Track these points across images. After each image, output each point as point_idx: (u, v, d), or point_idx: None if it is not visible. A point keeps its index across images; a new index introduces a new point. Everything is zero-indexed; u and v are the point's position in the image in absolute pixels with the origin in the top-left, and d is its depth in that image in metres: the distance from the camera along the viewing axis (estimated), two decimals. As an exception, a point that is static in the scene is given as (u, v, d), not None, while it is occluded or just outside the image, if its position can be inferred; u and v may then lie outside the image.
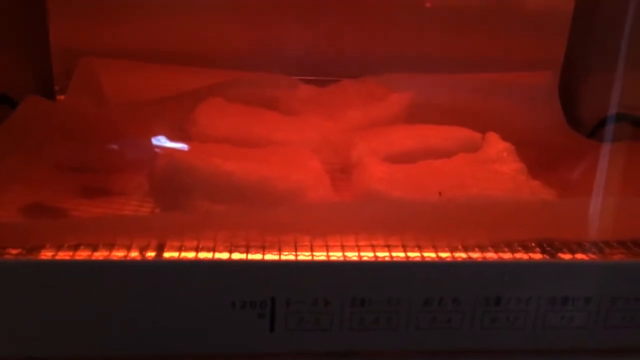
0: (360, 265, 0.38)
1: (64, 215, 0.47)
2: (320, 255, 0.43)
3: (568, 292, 0.39)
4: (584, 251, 0.44)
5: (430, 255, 0.44)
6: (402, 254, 0.43)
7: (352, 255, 0.43)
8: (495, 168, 0.52)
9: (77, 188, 0.52)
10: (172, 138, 0.62)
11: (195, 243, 0.41)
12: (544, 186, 0.49)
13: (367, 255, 0.43)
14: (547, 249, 0.45)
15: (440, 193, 0.47)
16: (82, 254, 0.40)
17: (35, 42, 0.71)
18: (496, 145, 0.55)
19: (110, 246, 0.41)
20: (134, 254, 0.40)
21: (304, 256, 0.42)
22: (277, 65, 0.75)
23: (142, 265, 0.36)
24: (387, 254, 0.44)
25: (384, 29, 0.78)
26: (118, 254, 0.40)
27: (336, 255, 0.43)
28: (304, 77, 0.76)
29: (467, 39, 0.78)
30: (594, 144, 0.66)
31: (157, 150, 0.52)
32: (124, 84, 0.72)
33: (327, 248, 0.43)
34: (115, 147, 0.59)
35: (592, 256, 0.43)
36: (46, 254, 0.40)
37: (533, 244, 0.45)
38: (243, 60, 0.76)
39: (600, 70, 0.72)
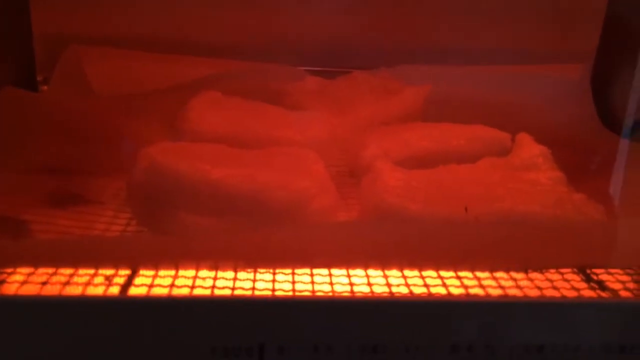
0: (371, 302, 0.31)
1: (24, 230, 0.40)
2: (322, 283, 0.36)
3: (627, 338, 0.32)
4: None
5: (454, 283, 0.37)
6: (422, 286, 0.36)
7: (361, 284, 0.36)
8: (530, 177, 0.45)
9: (47, 194, 0.45)
10: (160, 136, 0.56)
11: (172, 270, 0.34)
12: (589, 201, 0.41)
13: (379, 283, 0.37)
14: (593, 277, 0.38)
15: (466, 208, 0.40)
16: (35, 282, 0.33)
17: (15, 28, 0.64)
18: (530, 149, 0.48)
19: (72, 271, 0.34)
20: (98, 281, 0.33)
21: (302, 284, 0.36)
22: (282, 54, 0.69)
23: (103, 303, 0.30)
24: (402, 281, 0.37)
25: (400, 16, 0.72)
26: (79, 281, 0.34)
27: (341, 284, 0.36)
28: (311, 68, 0.69)
29: (492, 29, 0.71)
30: (635, 147, 0.58)
31: (139, 150, 0.45)
32: (112, 74, 0.66)
33: (331, 276, 0.36)
34: (95, 145, 0.52)
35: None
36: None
37: (576, 271, 0.38)
38: (244, 48, 0.70)
39: (636, 63, 0.64)
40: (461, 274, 0.38)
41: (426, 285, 0.37)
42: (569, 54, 0.70)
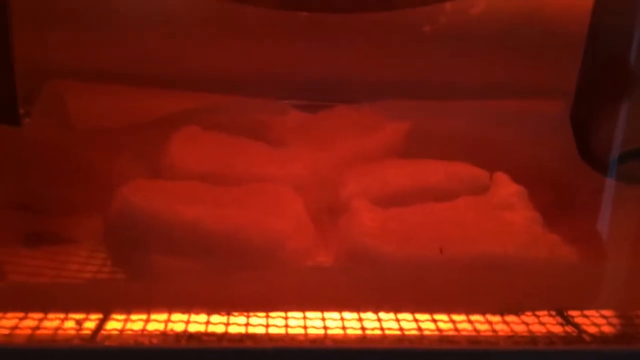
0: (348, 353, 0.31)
1: (-4, 271, 0.40)
2: (296, 327, 0.36)
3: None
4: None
5: (429, 327, 0.37)
6: (396, 329, 0.36)
7: (335, 327, 0.36)
8: (505, 216, 0.45)
9: (20, 233, 0.45)
10: (140, 172, 0.55)
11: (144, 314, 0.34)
12: (563, 243, 0.42)
13: (354, 327, 0.36)
14: (570, 319, 0.38)
15: (441, 250, 0.40)
16: (5, 327, 0.33)
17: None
18: (506, 188, 0.48)
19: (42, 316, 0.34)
20: (68, 325, 0.33)
21: (276, 327, 0.35)
22: (265, 87, 0.69)
23: (70, 352, 0.29)
24: (377, 324, 0.36)
25: (383, 52, 0.72)
26: (49, 326, 0.33)
27: (315, 327, 0.36)
28: (294, 102, 0.69)
29: (472, 64, 0.72)
30: (614, 185, 0.59)
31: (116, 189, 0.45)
32: (94, 108, 0.65)
33: (305, 319, 0.36)
34: (73, 183, 0.52)
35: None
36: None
37: (553, 313, 0.38)
38: (227, 82, 0.69)
39: (617, 100, 0.65)
40: (437, 316, 0.38)
41: (401, 329, 0.37)
42: (549, 90, 0.70)
